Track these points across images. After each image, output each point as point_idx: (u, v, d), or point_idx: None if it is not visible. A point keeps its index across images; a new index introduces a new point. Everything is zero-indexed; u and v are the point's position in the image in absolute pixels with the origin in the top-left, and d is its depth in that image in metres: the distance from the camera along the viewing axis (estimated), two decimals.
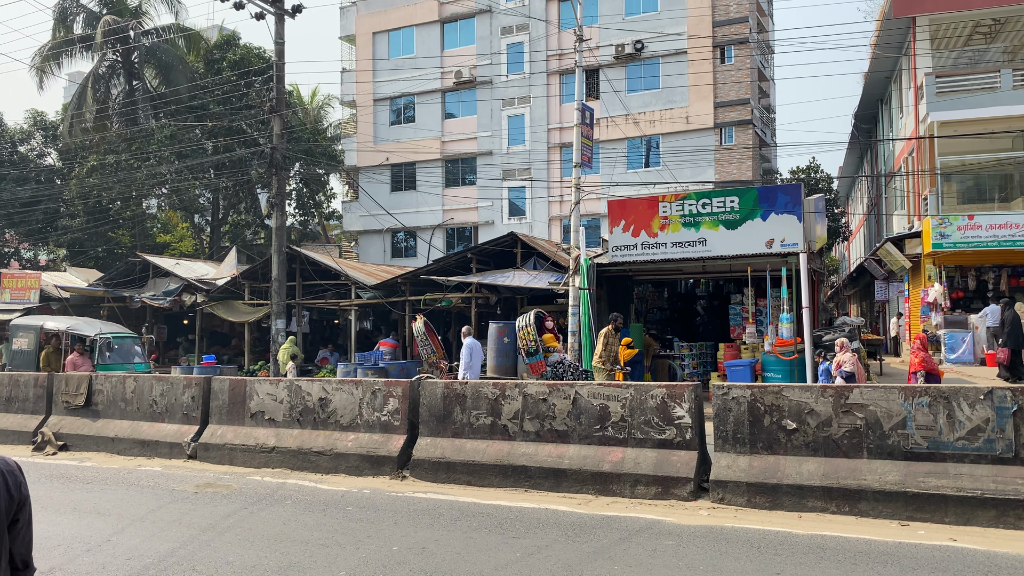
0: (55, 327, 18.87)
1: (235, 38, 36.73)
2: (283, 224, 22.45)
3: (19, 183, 37.93)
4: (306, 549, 6.79)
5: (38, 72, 34.89)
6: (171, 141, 32.79)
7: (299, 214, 39.71)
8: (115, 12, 34.34)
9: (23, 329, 19.10)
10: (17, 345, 18.80)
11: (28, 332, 18.72)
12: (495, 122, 34.86)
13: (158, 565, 6.47)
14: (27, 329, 18.99)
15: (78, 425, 12.61)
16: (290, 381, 10.83)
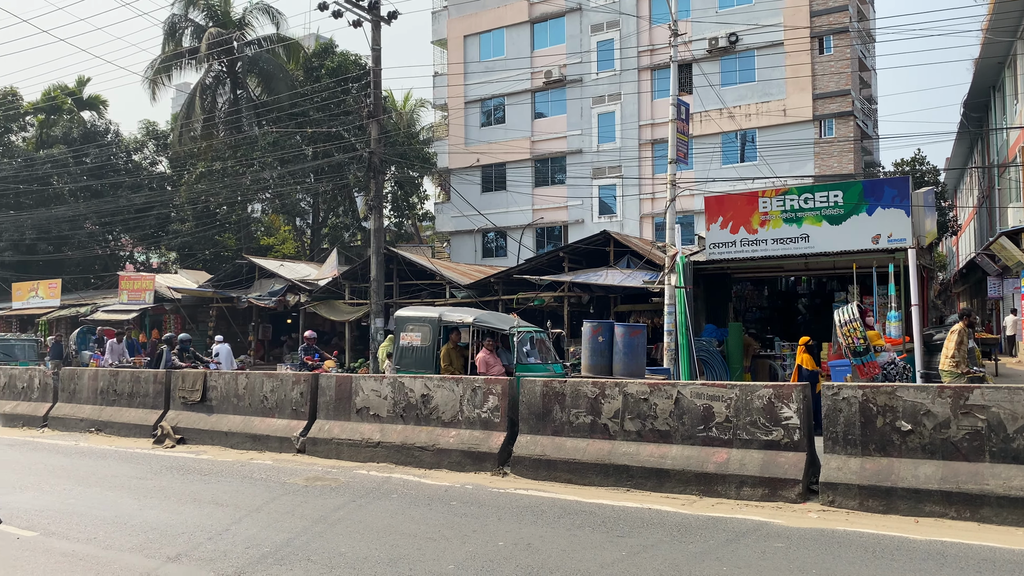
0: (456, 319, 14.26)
1: (332, 46, 37.82)
2: (381, 226, 23.01)
3: (133, 190, 40.13)
4: (414, 542, 6.96)
5: (151, 84, 36.81)
6: (273, 147, 34.05)
7: (394, 216, 40.58)
8: (220, 25, 35.89)
9: (414, 322, 14.45)
10: (407, 340, 14.40)
11: (421, 325, 14.13)
12: (585, 120, 34.77)
13: (275, 554, 6.76)
14: (420, 322, 14.28)
15: (194, 420, 13.26)
16: (393, 378, 11.11)
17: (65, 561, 6.76)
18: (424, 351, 14.03)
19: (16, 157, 42.63)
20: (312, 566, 6.40)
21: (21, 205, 41.30)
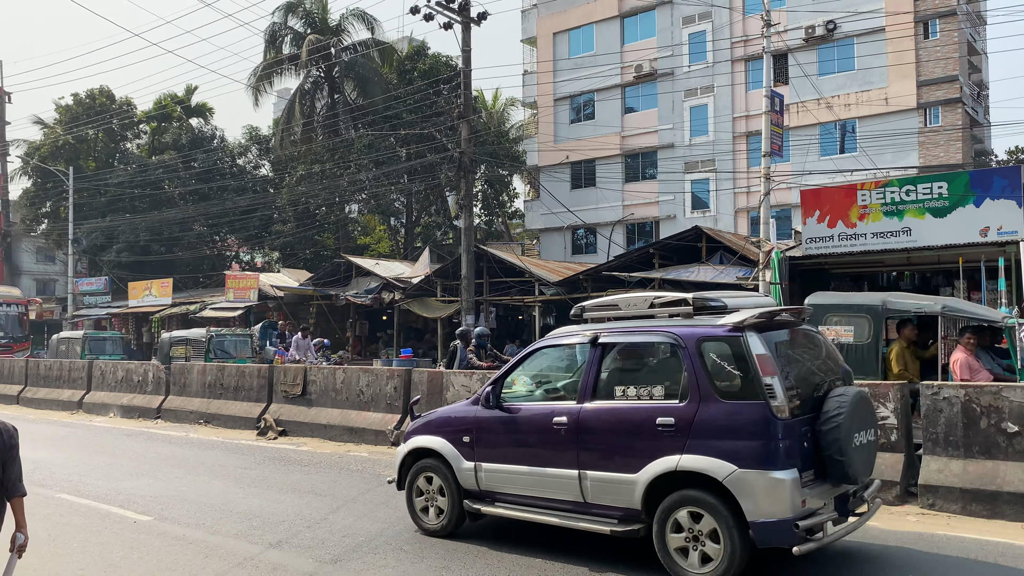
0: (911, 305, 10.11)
1: (424, 48, 38.55)
2: (471, 225, 23.36)
3: (238, 193, 41.95)
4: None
5: (253, 91, 38.40)
6: (369, 150, 34.98)
7: (484, 214, 41.05)
8: (318, 31, 37.10)
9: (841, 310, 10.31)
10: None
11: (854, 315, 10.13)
12: (676, 114, 34.30)
13: (370, 543, 7.02)
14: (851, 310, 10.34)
15: (294, 412, 13.83)
16: (483, 373, 11.32)
17: (177, 544, 7.21)
18: (860, 350, 9.73)
19: (131, 163, 45.22)
20: (404, 555, 6.63)
21: (136, 208, 43.78)
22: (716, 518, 5.43)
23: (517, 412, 6.74)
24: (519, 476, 6.58)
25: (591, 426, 6.15)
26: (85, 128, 45.64)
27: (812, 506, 5.43)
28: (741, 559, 5.36)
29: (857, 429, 5.69)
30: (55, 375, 20.27)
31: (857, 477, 5.68)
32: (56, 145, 45.53)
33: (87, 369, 19.32)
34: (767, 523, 5.27)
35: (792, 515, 5.26)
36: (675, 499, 5.64)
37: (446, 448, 7.06)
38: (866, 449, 5.86)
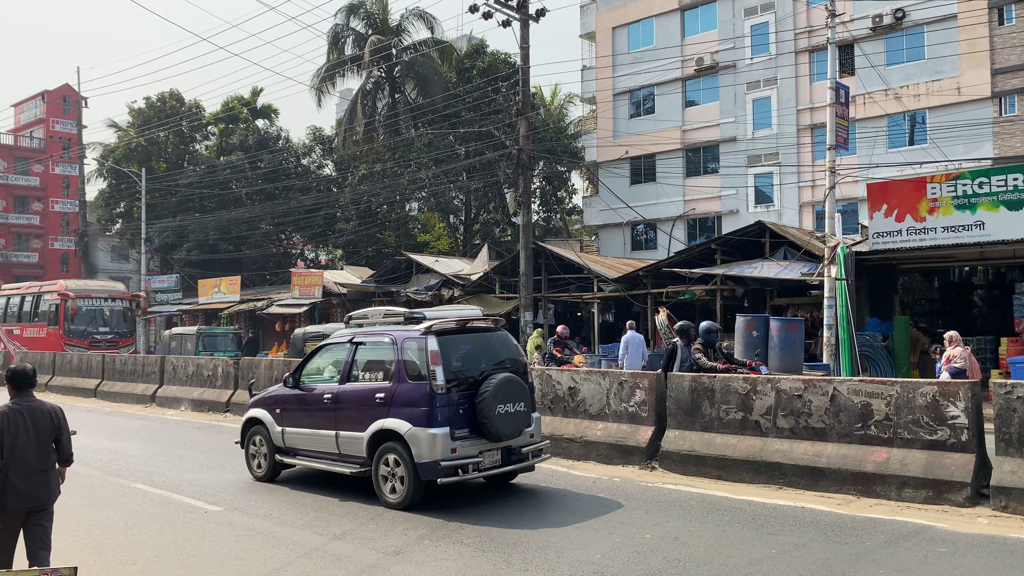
0: None
1: (483, 46, 38.73)
2: (529, 221, 23.42)
3: (303, 192, 42.83)
4: (562, 531, 7.15)
5: (316, 92, 39.15)
6: (429, 148, 35.34)
7: (543, 211, 41.05)
8: (379, 32, 37.61)
9: None
10: None
11: None
12: (739, 107, 33.73)
13: (430, 536, 7.15)
14: None
15: None
16: (540, 370, 11.36)
17: (245, 534, 7.44)
18: None
19: (200, 164, 46.56)
20: (465, 548, 6.73)
21: (205, 208, 45.08)
22: (402, 461, 8.02)
23: (306, 390, 9.39)
24: (306, 436, 9.26)
25: (343, 400, 8.82)
26: (156, 130, 47.16)
27: (464, 454, 7.94)
28: (417, 489, 7.98)
29: (501, 402, 8.03)
30: (130, 370, 21.04)
31: (500, 436, 8.11)
32: (129, 147, 47.16)
33: (160, 364, 20.00)
34: (423, 463, 7.84)
35: (440, 458, 7.80)
36: (382, 449, 8.26)
37: (266, 417, 9.77)
38: (511, 417, 8.15)
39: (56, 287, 30.21)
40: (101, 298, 29.73)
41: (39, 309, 30.28)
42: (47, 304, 29.72)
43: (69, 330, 28.41)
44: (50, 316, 29.30)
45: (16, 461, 5.38)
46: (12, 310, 32.24)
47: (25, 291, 32.55)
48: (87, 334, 28.50)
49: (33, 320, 30.43)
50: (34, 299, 30.85)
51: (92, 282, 34.93)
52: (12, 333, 31.70)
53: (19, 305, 31.82)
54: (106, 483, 10.04)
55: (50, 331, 28.91)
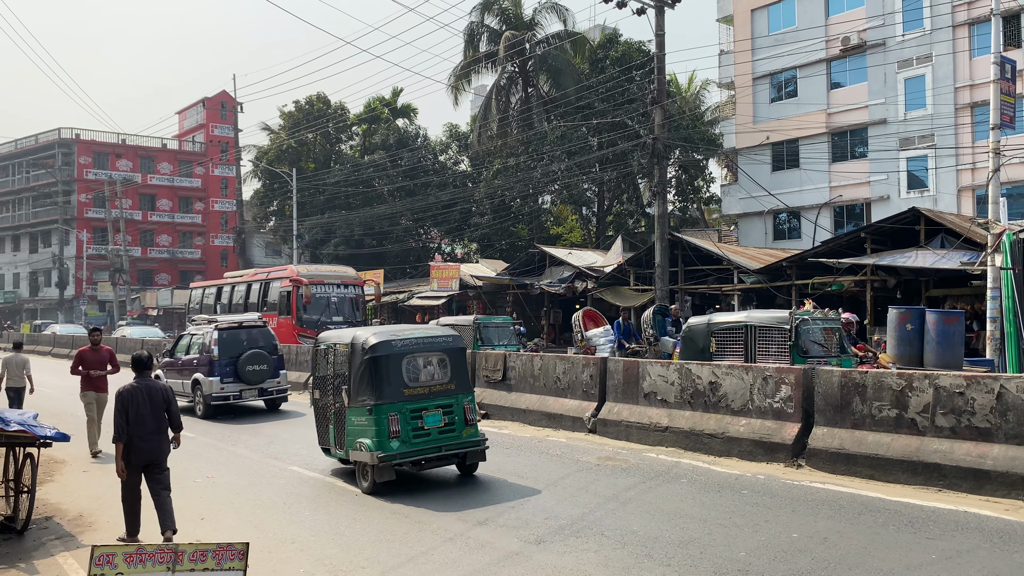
0: None
1: (616, 36, 38.39)
2: (665, 212, 23.05)
3: (440, 188, 44.02)
4: (704, 527, 7.04)
5: (453, 90, 40.09)
6: (561, 141, 35.43)
7: (679, 200, 40.30)
8: (513, 27, 38.02)
9: None
10: None
11: None
12: (889, 87, 31.80)
13: (571, 527, 7.21)
14: None
15: (496, 396, 14.37)
16: (680, 364, 11.18)
17: (393, 517, 7.77)
18: None
19: (345, 163, 48.69)
20: (605, 540, 6.74)
21: (350, 205, 47.14)
22: (201, 394, 16.00)
23: (176, 359, 17.33)
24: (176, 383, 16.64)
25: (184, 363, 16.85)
26: (305, 132, 49.69)
27: (229, 391, 15.73)
28: (207, 408, 15.78)
29: (250, 364, 15.84)
30: (293, 359, 22.31)
31: (250, 381, 15.88)
32: (281, 149, 49.93)
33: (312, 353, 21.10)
34: (207, 394, 15.67)
35: (214, 392, 15.60)
36: (193, 388, 16.35)
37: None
38: (257, 372, 15.91)
39: (286, 272, 27.39)
40: (333, 284, 26.60)
41: (267, 298, 27.30)
42: (276, 292, 26.81)
43: (302, 320, 25.32)
44: (281, 305, 26.29)
45: (137, 427, 7.07)
46: (237, 300, 29.55)
47: (251, 278, 29.74)
48: (320, 324, 24.78)
49: (262, 309, 27.22)
50: (261, 286, 28.02)
51: (322, 267, 31.23)
52: None
53: (244, 294, 29.02)
54: (266, 465, 10.73)
55: (281, 321, 25.70)
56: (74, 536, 7.66)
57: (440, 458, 9.07)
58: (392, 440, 8.64)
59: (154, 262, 66.61)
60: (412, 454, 8.79)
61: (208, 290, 32.40)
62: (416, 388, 9.02)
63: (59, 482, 10.14)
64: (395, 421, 8.70)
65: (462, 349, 9.64)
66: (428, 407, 8.97)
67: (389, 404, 8.71)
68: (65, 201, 62.75)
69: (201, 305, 32.15)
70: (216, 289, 31.61)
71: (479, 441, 9.15)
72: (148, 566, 4.01)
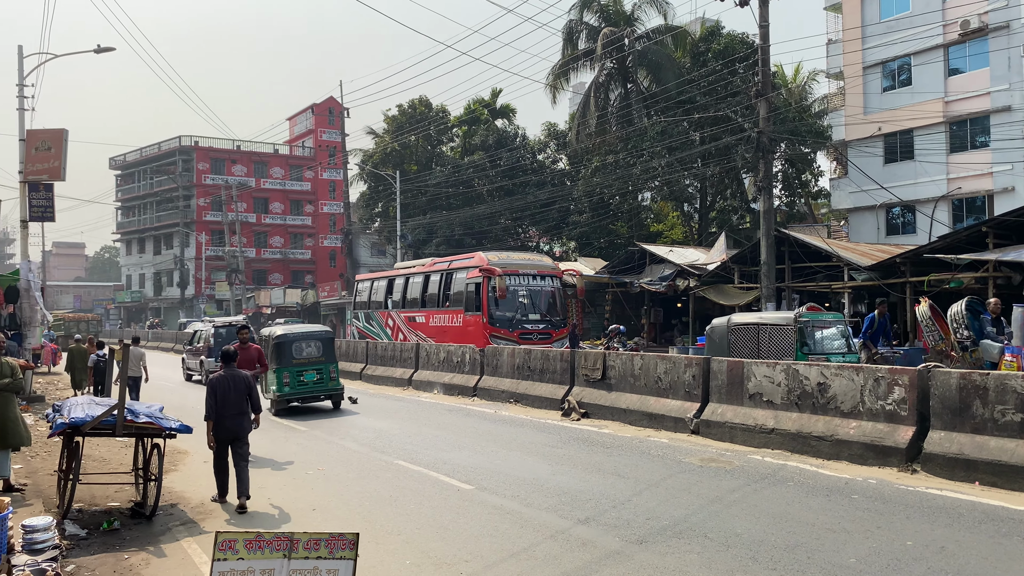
0: None
1: (718, 28, 37.59)
2: (771, 207, 22.44)
3: (538, 187, 44.18)
4: (812, 531, 6.85)
5: (551, 89, 40.16)
6: (662, 136, 34.97)
7: (785, 195, 39.08)
8: (612, 23, 37.79)
9: None
10: None
11: None
12: (1014, 72, 29.90)
13: (673, 528, 7.15)
14: None
15: (595, 396, 14.36)
16: (787, 364, 10.89)
17: (495, 513, 7.89)
18: None
19: (446, 164, 49.53)
20: (709, 543, 6.66)
21: (451, 206, 47.93)
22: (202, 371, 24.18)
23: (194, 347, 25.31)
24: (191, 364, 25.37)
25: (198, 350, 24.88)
26: (408, 135, 50.83)
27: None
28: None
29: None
30: (390, 355, 22.97)
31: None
32: (385, 152, 51.25)
33: (415, 350, 21.65)
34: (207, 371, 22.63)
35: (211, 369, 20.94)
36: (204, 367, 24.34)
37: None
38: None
39: (474, 261, 23.73)
40: (529, 275, 22.94)
41: (451, 290, 24.18)
42: (461, 284, 23.56)
43: (494, 317, 21.91)
44: (468, 299, 22.97)
45: (224, 408, 8.70)
46: (412, 293, 26.72)
47: (428, 269, 26.46)
48: (515, 323, 21.98)
49: (443, 304, 24.42)
50: (442, 278, 24.85)
51: (514, 254, 26.45)
52: (414, 321, 26.14)
53: (421, 287, 26.16)
54: (372, 459, 11.08)
55: (469, 319, 22.70)
56: (196, 523, 8.14)
57: (315, 397, 16.72)
58: (285, 387, 16.24)
59: (267, 262, 69.56)
60: (296, 395, 16.43)
61: (377, 283, 30.02)
62: (301, 359, 16.56)
63: (182, 472, 10.77)
64: (287, 376, 16.31)
65: (331, 338, 17.62)
66: (307, 370, 16.49)
67: (283, 368, 16.22)
68: (185, 205, 66.36)
69: (369, 301, 29.94)
70: (387, 282, 29.10)
71: (339, 389, 16.52)
72: (266, 552, 4.24)
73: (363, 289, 30.93)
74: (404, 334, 26.41)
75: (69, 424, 7.97)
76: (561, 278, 24.09)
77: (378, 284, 29.83)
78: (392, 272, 29.87)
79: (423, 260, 29.33)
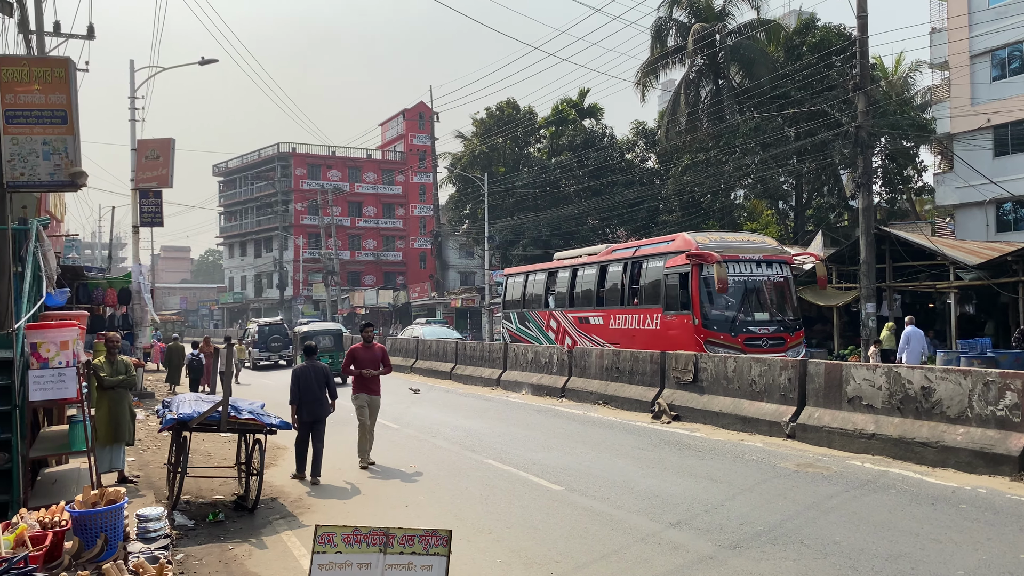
0: None
1: (813, 21, 36.44)
2: (870, 204, 21.64)
3: (626, 186, 43.81)
4: (916, 541, 6.58)
5: (640, 87, 39.74)
6: (755, 133, 34.13)
7: (885, 192, 37.54)
8: (702, 19, 37.12)
9: None
10: None
11: None
12: None
13: (768, 534, 6.98)
14: None
15: (686, 398, 14.15)
16: (888, 367, 10.48)
17: (585, 515, 7.88)
18: None
19: (533, 166, 49.70)
20: (805, 550, 6.48)
21: (538, 207, 48.05)
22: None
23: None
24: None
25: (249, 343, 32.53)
26: (495, 137, 51.25)
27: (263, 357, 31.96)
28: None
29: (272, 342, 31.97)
30: (478, 355, 23.22)
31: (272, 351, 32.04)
32: (473, 155, 51.80)
33: (503, 351, 21.81)
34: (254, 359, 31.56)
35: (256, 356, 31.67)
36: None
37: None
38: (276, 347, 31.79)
39: (676, 244, 18.40)
40: (752, 261, 17.62)
41: (641, 283, 19.20)
42: (658, 274, 18.39)
43: (709, 318, 16.99)
44: (670, 294, 17.91)
45: (306, 394, 10.12)
46: (583, 287, 21.94)
47: (608, 256, 21.30)
48: (739, 325, 17.02)
49: (629, 302, 19.69)
50: (628, 267, 19.88)
51: (728, 234, 19.54)
52: (587, 323, 21.43)
53: (596, 279, 21.22)
54: (463, 457, 11.23)
55: (671, 319, 17.78)
56: (295, 516, 8.43)
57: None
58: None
59: (361, 264, 71.40)
60: None
61: (535, 277, 25.24)
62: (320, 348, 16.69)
63: (281, 467, 11.18)
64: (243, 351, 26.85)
65: (340, 333, 26.95)
66: (322, 356, 16.97)
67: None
68: (284, 210, 68.75)
69: (523, 298, 25.45)
70: (546, 275, 24.38)
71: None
72: (363, 547, 4.36)
73: (514, 284, 26.52)
74: (572, 338, 22.00)
75: (178, 420, 8.39)
76: (790, 264, 18.74)
77: (535, 278, 25.16)
78: (553, 263, 25.00)
79: (592, 248, 24.25)
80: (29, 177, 8.49)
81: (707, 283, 16.96)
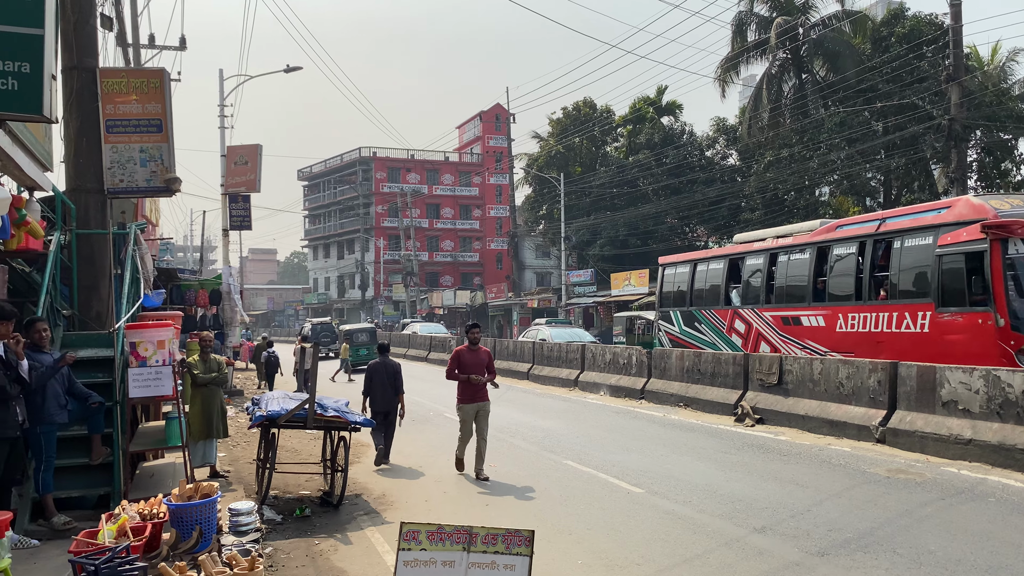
0: None
1: (902, 11, 35.12)
2: None
3: (707, 184, 43.09)
4: (1018, 553, 6.28)
5: (720, 83, 39.04)
6: (841, 127, 33.12)
7: (981, 187, 35.87)
8: (784, 13, 36.23)
9: None
10: None
11: None
12: None
13: (858, 541, 6.77)
14: None
15: (770, 401, 13.82)
16: (986, 371, 10.01)
17: (667, 518, 7.79)
18: None
19: (611, 165, 49.40)
20: (898, 559, 6.26)
21: (615, 206, 47.75)
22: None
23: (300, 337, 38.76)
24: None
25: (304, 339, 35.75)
26: (572, 137, 51.14)
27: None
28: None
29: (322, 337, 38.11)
30: (555, 356, 23.20)
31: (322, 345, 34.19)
32: (550, 155, 51.85)
33: (581, 352, 21.75)
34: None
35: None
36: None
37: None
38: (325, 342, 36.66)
39: (955, 210, 13.33)
40: None
41: (892, 269, 14.31)
42: (926, 254, 13.43)
43: (1018, 316, 11.94)
44: (949, 283, 12.94)
45: (378, 387, 11.44)
46: (788, 278, 17.16)
47: (825, 235, 16.33)
48: None
49: (869, 296, 14.78)
50: (869, 247, 14.96)
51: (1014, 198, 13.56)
52: (797, 324, 16.63)
53: (811, 265, 16.34)
54: (541, 458, 11.26)
55: (949, 320, 12.92)
56: (379, 513, 8.60)
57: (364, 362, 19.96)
58: (350, 357, 27.91)
59: (439, 265, 72.32)
60: (356, 361, 28.37)
61: (706, 267, 20.49)
62: (358, 343, 31.32)
63: (365, 464, 11.42)
64: (346, 351, 28.22)
65: (374, 331, 35.31)
66: (361, 349, 30.49)
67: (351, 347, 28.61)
68: (365, 212, 70.23)
69: (690, 294, 20.80)
70: (724, 264, 19.55)
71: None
72: (447, 544, 4.42)
73: (675, 277, 21.74)
74: (773, 344, 17.20)
75: (266, 417, 8.67)
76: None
77: (706, 268, 20.36)
78: (735, 248, 19.83)
79: (790, 227, 19.22)
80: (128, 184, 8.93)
81: (1015, 267, 11.99)
